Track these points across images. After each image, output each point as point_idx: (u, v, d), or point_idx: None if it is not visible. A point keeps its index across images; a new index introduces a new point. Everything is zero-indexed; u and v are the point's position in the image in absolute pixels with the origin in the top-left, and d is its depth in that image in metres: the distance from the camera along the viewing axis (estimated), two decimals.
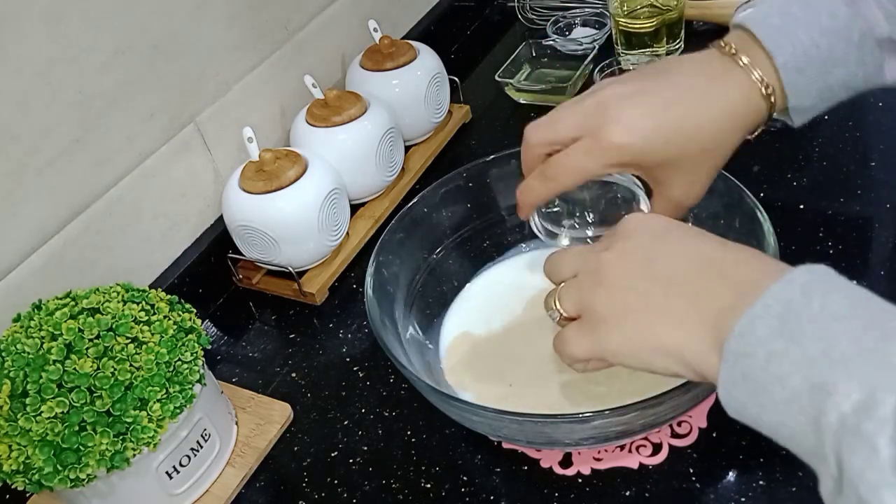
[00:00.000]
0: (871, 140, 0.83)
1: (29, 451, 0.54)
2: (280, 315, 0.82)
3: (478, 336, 0.70)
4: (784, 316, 0.37)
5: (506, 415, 0.54)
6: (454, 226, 0.74)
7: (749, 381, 0.38)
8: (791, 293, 0.38)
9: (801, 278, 0.39)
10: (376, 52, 0.92)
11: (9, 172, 0.65)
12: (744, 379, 0.38)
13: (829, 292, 0.38)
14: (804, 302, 0.37)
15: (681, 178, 0.54)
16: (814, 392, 0.35)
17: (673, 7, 0.96)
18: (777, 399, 0.37)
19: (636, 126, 0.52)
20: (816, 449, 0.36)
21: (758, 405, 0.38)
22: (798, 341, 0.36)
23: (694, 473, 0.59)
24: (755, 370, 0.38)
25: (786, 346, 0.37)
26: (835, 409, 0.34)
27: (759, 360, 0.37)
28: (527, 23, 1.16)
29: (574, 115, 0.54)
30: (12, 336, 0.58)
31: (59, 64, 0.67)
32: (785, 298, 0.38)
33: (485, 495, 0.61)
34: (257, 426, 0.69)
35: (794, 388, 0.36)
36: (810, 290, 0.38)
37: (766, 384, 0.37)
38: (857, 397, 0.33)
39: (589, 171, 0.54)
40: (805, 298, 0.37)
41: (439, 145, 0.97)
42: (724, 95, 0.52)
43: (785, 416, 0.37)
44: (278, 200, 0.77)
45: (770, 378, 0.37)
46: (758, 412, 0.38)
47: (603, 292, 0.47)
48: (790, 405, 0.36)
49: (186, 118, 0.80)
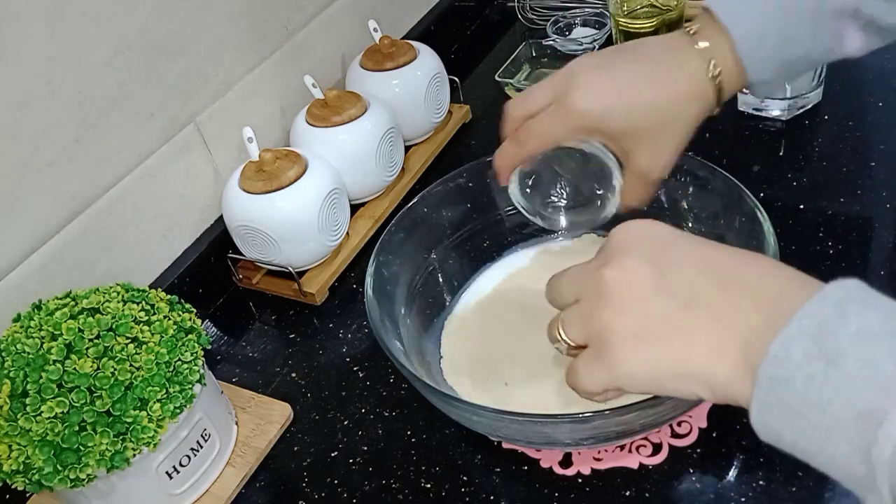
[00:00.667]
0: (871, 140, 0.83)
1: (29, 451, 0.54)
2: (280, 315, 0.82)
3: (478, 336, 0.70)
4: (820, 336, 0.35)
5: (506, 415, 0.54)
6: (454, 226, 0.74)
7: (785, 407, 0.36)
8: (825, 312, 0.36)
9: (835, 295, 0.36)
10: (376, 52, 0.92)
11: (9, 172, 0.65)
12: (779, 405, 0.36)
13: (866, 310, 0.36)
14: (840, 321, 0.35)
15: (645, 147, 0.56)
16: (860, 420, 0.33)
17: (673, 7, 0.96)
18: (817, 426, 0.35)
19: (597, 94, 0.55)
20: (865, 479, 0.34)
21: (795, 432, 0.36)
22: (837, 365, 0.34)
23: (694, 473, 0.59)
24: (792, 396, 0.35)
25: (825, 369, 0.34)
26: (888, 439, 0.32)
27: (796, 386, 0.35)
28: (527, 23, 1.16)
29: (545, 86, 0.58)
30: (12, 336, 0.58)
31: (59, 64, 0.67)
32: (820, 318, 0.36)
33: (485, 495, 0.61)
34: (257, 426, 0.69)
35: (837, 415, 0.34)
36: (846, 309, 0.36)
37: (805, 411, 0.35)
38: None
39: (555, 134, 0.57)
40: (840, 318, 0.35)
41: (439, 145, 0.97)
42: (674, 77, 0.54)
43: (827, 444, 0.35)
44: (278, 200, 0.77)
45: (809, 405, 0.35)
46: (794, 439, 0.36)
47: (610, 315, 0.43)
48: (833, 433, 0.34)
49: (186, 118, 0.80)
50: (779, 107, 0.87)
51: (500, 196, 0.74)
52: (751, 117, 0.89)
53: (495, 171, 0.62)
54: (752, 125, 0.88)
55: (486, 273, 0.75)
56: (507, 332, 0.69)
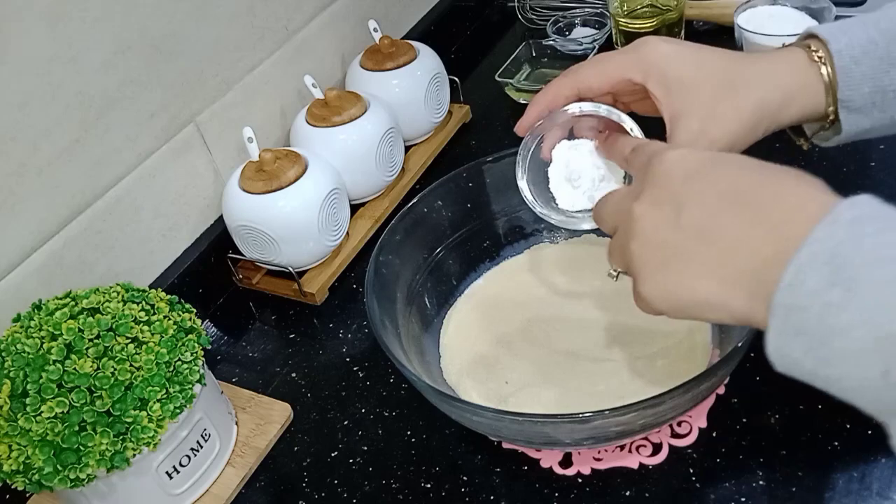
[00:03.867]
0: (871, 140, 0.82)
1: (29, 451, 0.54)
2: (280, 315, 0.82)
3: (477, 336, 0.70)
4: (834, 262, 0.35)
5: (506, 415, 0.54)
6: (454, 226, 0.74)
7: (804, 335, 0.36)
8: (838, 234, 0.35)
9: (847, 214, 0.36)
10: (376, 52, 0.92)
11: (9, 172, 0.65)
12: (797, 334, 0.36)
13: (881, 229, 0.35)
14: (854, 244, 0.35)
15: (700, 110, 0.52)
16: (882, 344, 0.33)
17: (673, 7, 0.96)
18: (838, 353, 0.35)
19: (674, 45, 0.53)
20: (888, 402, 0.34)
21: (814, 360, 0.36)
22: (854, 290, 0.34)
23: (694, 473, 0.59)
24: (810, 324, 0.35)
25: (842, 295, 0.34)
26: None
27: (813, 314, 0.35)
28: (527, 23, 1.16)
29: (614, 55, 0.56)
30: (12, 336, 0.58)
31: (59, 64, 0.67)
32: (832, 241, 0.35)
33: (485, 495, 0.61)
34: (257, 426, 0.69)
35: (857, 340, 0.34)
36: (859, 229, 0.35)
37: (825, 338, 0.35)
38: None
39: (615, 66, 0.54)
40: (854, 240, 0.35)
41: (439, 145, 0.97)
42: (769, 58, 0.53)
43: (847, 370, 0.35)
44: (278, 200, 0.77)
45: (829, 331, 0.35)
46: (814, 367, 0.36)
47: (635, 247, 0.45)
48: (854, 359, 0.34)
49: (186, 118, 0.80)
50: None
51: (501, 196, 0.74)
52: None
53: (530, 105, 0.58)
54: None
55: (486, 273, 0.75)
56: (507, 332, 0.69)
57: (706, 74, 0.52)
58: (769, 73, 0.52)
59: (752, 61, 0.53)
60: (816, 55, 0.51)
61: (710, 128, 0.52)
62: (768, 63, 0.53)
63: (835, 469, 0.56)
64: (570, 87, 0.56)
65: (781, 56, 0.53)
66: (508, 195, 0.69)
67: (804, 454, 0.58)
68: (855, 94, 0.51)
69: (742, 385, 0.63)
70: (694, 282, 0.42)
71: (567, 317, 0.69)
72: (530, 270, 0.74)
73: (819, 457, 0.57)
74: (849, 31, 0.51)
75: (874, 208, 0.37)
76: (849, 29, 0.51)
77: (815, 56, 0.51)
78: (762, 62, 0.53)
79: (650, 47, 0.54)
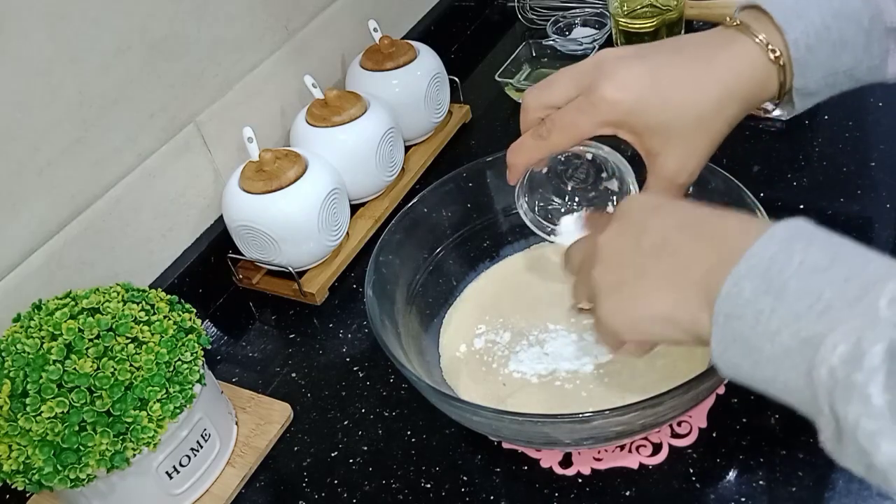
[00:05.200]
0: (871, 140, 0.83)
1: (29, 451, 0.54)
2: (280, 315, 0.82)
3: (477, 336, 0.70)
4: (767, 274, 0.38)
5: (506, 415, 0.54)
6: (454, 226, 0.74)
7: (740, 341, 0.39)
8: (772, 250, 0.38)
9: (781, 234, 0.39)
10: (376, 52, 0.92)
11: (9, 172, 0.65)
12: (734, 340, 0.39)
13: (809, 245, 0.38)
14: (785, 258, 0.38)
15: (675, 147, 0.52)
16: (803, 347, 0.36)
17: (673, 7, 0.96)
18: (768, 356, 0.38)
19: (630, 83, 0.51)
20: (811, 402, 0.36)
21: (750, 364, 0.39)
22: (783, 298, 0.37)
23: (694, 473, 0.59)
24: (745, 330, 0.38)
25: (772, 303, 0.37)
26: (823, 362, 0.35)
27: (747, 321, 0.38)
28: (527, 23, 1.16)
29: (571, 75, 0.54)
30: (12, 336, 0.58)
31: (59, 64, 0.67)
32: (767, 256, 0.38)
33: (485, 495, 0.61)
34: (257, 426, 0.69)
35: (784, 344, 0.37)
36: (791, 246, 0.38)
37: (757, 343, 0.38)
38: (844, 349, 0.34)
39: (580, 128, 0.53)
40: (786, 254, 0.38)
41: (439, 145, 0.97)
42: (728, 61, 0.51)
43: (777, 372, 0.38)
44: (278, 200, 0.77)
45: (760, 337, 0.38)
46: (750, 371, 0.39)
47: (597, 272, 0.48)
48: (781, 361, 0.37)
49: (186, 118, 0.80)
50: None
51: (500, 196, 0.74)
52: (751, 117, 0.88)
53: (508, 167, 0.58)
54: (752, 125, 0.88)
55: (485, 273, 0.75)
56: (507, 332, 0.69)
57: (676, 117, 0.51)
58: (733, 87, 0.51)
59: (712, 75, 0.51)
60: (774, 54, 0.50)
61: (688, 163, 0.53)
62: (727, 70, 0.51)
63: (835, 469, 0.56)
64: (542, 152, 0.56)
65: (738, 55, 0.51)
66: (508, 195, 0.69)
67: (804, 454, 0.58)
68: (809, 81, 0.51)
69: (742, 385, 0.63)
70: (648, 295, 0.44)
71: (567, 317, 0.69)
72: (530, 270, 0.74)
73: (819, 457, 0.57)
74: (804, 15, 0.50)
75: (806, 228, 0.39)
76: (804, 11, 0.50)
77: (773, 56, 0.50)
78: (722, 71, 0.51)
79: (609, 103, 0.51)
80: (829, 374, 0.34)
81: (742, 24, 0.51)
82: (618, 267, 0.47)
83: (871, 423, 0.33)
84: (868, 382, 0.33)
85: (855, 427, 0.33)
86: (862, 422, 0.33)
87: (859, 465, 0.35)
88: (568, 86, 0.53)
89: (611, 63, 0.52)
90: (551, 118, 0.54)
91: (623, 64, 0.52)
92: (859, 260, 0.37)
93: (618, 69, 0.51)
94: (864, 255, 0.38)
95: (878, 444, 0.33)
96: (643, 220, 0.47)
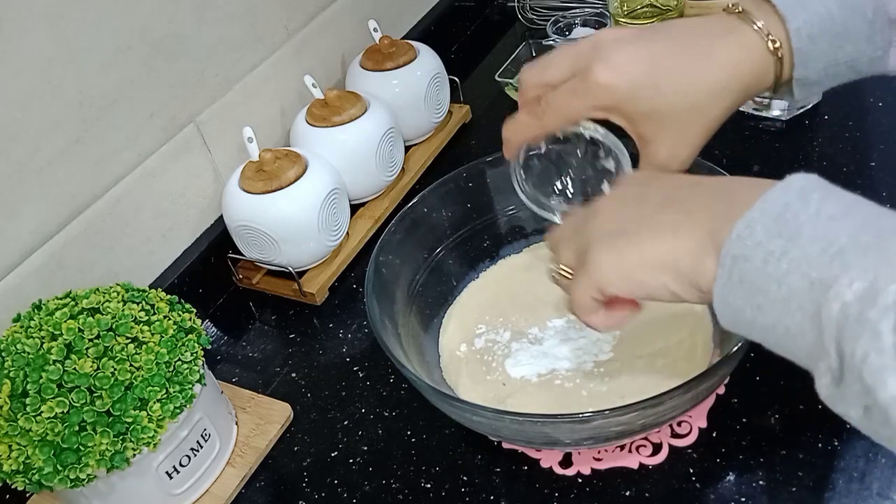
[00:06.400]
0: (871, 140, 0.83)
1: (29, 451, 0.54)
2: (280, 315, 0.82)
3: (477, 336, 0.70)
4: (781, 217, 0.38)
5: (506, 415, 0.54)
6: (454, 226, 0.74)
7: (746, 283, 0.38)
8: (788, 197, 0.38)
9: (797, 184, 0.39)
10: (376, 52, 0.92)
11: (9, 172, 0.65)
12: (740, 282, 0.38)
13: (825, 196, 0.38)
14: (801, 205, 0.38)
15: (668, 135, 0.52)
16: (813, 287, 0.36)
17: (673, 7, 0.96)
18: (774, 298, 0.37)
19: (625, 68, 0.50)
20: (815, 344, 0.36)
21: (754, 308, 0.38)
22: (796, 241, 0.37)
23: (694, 473, 0.59)
24: (752, 272, 0.38)
25: (784, 245, 0.37)
26: (836, 298, 0.34)
27: (756, 262, 0.38)
28: (527, 23, 1.16)
29: (567, 55, 0.53)
30: (12, 336, 0.58)
31: (59, 64, 0.67)
32: (782, 202, 0.38)
33: (485, 495, 0.61)
34: (257, 426, 0.69)
35: (793, 285, 0.36)
36: (806, 195, 0.38)
37: (764, 285, 0.37)
38: (860, 286, 0.34)
39: (574, 110, 0.53)
40: (802, 202, 0.38)
41: (439, 145, 0.97)
42: (727, 49, 0.50)
43: (782, 316, 0.37)
44: (278, 200, 0.77)
45: (767, 278, 0.37)
46: (753, 315, 0.39)
47: (597, 221, 0.46)
48: (788, 303, 0.37)
49: (186, 118, 0.80)
50: (779, 107, 0.87)
51: (500, 196, 0.74)
52: (751, 117, 0.89)
53: (504, 142, 0.58)
54: (752, 125, 0.88)
55: (485, 273, 0.75)
56: (507, 332, 0.69)
57: (669, 104, 0.51)
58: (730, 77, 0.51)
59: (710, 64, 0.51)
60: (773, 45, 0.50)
61: (680, 151, 0.53)
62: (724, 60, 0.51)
63: (835, 469, 0.56)
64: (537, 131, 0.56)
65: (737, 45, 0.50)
66: (508, 195, 0.69)
67: (804, 454, 0.58)
68: (810, 71, 0.51)
69: (742, 385, 0.63)
70: (649, 240, 0.43)
71: (567, 317, 0.69)
72: (530, 270, 0.74)
73: (819, 457, 0.57)
74: (807, 4, 0.49)
75: (822, 182, 0.39)
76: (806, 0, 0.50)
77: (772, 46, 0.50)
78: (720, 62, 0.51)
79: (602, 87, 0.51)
80: (841, 310, 0.34)
81: (743, 12, 0.51)
82: (618, 218, 0.45)
83: (879, 358, 0.33)
84: (881, 319, 0.33)
85: (862, 363, 0.33)
86: (870, 357, 0.33)
87: (858, 407, 0.35)
88: (564, 66, 0.53)
89: (608, 45, 0.51)
90: (546, 99, 0.53)
91: (620, 47, 0.51)
92: (873, 212, 0.38)
93: (614, 52, 0.51)
94: (878, 210, 0.38)
95: (884, 380, 0.33)
96: (642, 186, 0.47)
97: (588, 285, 0.46)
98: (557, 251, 0.50)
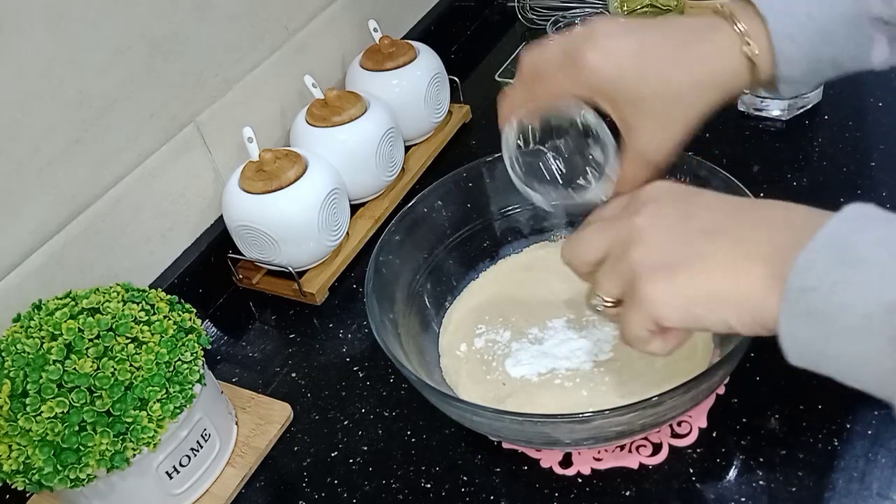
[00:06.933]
0: (871, 140, 0.83)
1: (29, 451, 0.54)
2: (280, 315, 0.82)
3: (477, 335, 0.70)
4: (842, 247, 0.38)
5: (505, 415, 0.54)
6: (454, 226, 0.74)
7: (814, 315, 0.38)
8: (846, 226, 0.39)
9: (853, 213, 0.39)
10: (376, 52, 0.92)
11: (9, 172, 0.65)
12: (808, 314, 0.38)
13: (884, 223, 0.38)
14: (861, 233, 0.38)
15: (649, 122, 0.53)
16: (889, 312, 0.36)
17: (673, 7, 0.96)
18: (843, 327, 0.37)
19: (613, 53, 0.52)
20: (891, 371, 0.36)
21: (823, 339, 0.38)
22: (859, 267, 0.37)
23: (694, 473, 0.59)
24: (819, 302, 0.38)
25: (848, 273, 0.37)
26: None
27: (822, 293, 0.37)
28: (527, 23, 1.16)
29: (563, 39, 0.55)
30: (12, 336, 0.58)
31: (59, 64, 0.67)
32: (841, 231, 0.39)
33: (485, 495, 0.61)
34: (257, 426, 0.69)
35: (865, 312, 0.36)
36: (864, 224, 0.39)
37: (834, 313, 0.37)
38: None
39: (561, 86, 0.54)
40: (861, 230, 0.38)
41: (439, 145, 0.97)
42: (707, 47, 0.52)
43: (856, 343, 0.37)
44: (278, 200, 0.77)
45: (837, 307, 0.37)
46: (823, 347, 0.38)
47: (639, 254, 0.46)
48: (860, 331, 0.37)
49: (186, 118, 0.80)
50: (779, 107, 0.87)
51: (500, 196, 0.74)
52: (751, 117, 0.89)
53: (498, 112, 0.60)
54: (752, 125, 0.88)
55: (485, 273, 0.75)
56: (507, 332, 0.69)
57: (652, 91, 0.52)
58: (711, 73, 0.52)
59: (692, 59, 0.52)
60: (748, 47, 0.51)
61: (660, 140, 0.54)
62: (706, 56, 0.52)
63: (835, 469, 0.56)
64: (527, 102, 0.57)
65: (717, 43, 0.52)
66: (508, 195, 0.69)
67: (804, 454, 0.58)
68: (794, 70, 0.52)
69: (742, 385, 0.63)
70: (707, 275, 0.43)
71: (567, 316, 0.69)
72: (530, 270, 0.74)
73: (819, 457, 0.57)
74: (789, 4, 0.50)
75: (878, 211, 0.40)
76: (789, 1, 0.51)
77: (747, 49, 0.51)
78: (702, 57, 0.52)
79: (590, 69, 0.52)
80: None
81: (728, 13, 0.52)
82: (666, 248, 0.45)
83: None
84: None
85: None
86: None
87: None
88: (559, 48, 0.55)
89: (600, 33, 0.53)
90: (538, 73, 0.55)
91: (611, 34, 0.53)
92: None
93: (605, 39, 0.53)
94: None
95: None
96: (684, 205, 0.47)
97: (643, 319, 0.45)
98: (599, 283, 0.49)
